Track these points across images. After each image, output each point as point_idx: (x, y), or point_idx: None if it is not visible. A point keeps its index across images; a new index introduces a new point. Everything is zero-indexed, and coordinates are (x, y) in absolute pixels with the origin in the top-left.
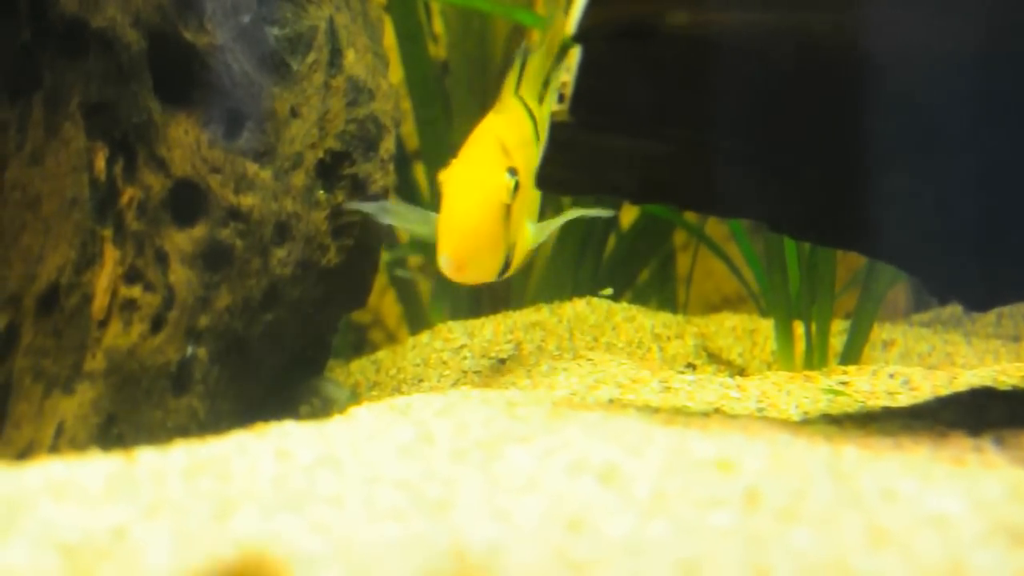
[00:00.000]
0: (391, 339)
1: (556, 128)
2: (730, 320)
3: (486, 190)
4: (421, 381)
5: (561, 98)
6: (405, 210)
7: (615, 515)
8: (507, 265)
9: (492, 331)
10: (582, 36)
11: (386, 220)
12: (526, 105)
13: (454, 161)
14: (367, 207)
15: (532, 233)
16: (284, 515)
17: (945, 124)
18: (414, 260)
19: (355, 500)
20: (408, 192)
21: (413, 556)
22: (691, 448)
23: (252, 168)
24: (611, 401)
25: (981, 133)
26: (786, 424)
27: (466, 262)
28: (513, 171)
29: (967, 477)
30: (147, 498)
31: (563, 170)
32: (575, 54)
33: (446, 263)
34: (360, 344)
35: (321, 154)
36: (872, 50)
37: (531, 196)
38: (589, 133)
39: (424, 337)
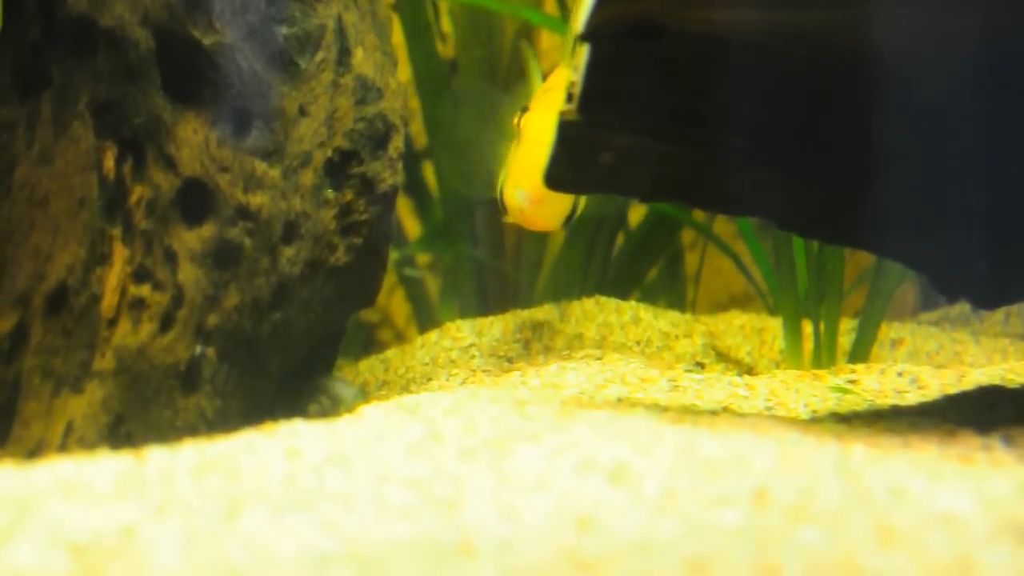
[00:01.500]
0: (400, 338)
1: (564, 127)
2: (738, 319)
3: None
4: (430, 380)
5: (569, 97)
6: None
7: (624, 514)
8: (571, 215)
9: (501, 330)
10: (590, 35)
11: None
12: None
13: (532, 107)
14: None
15: None
16: (294, 514)
17: (953, 121)
18: (423, 258)
19: (365, 499)
20: (417, 191)
21: (423, 555)
22: (700, 447)
23: (261, 167)
24: (620, 400)
25: (989, 130)
26: (795, 423)
27: (542, 200)
28: None
29: (975, 475)
30: (156, 497)
31: (571, 169)
32: (583, 53)
33: (524, 197)
34: (369, 343)
35: (330, 153)
36: (881, 47)
37: None
38: (597, 132)
39: (433, 336)
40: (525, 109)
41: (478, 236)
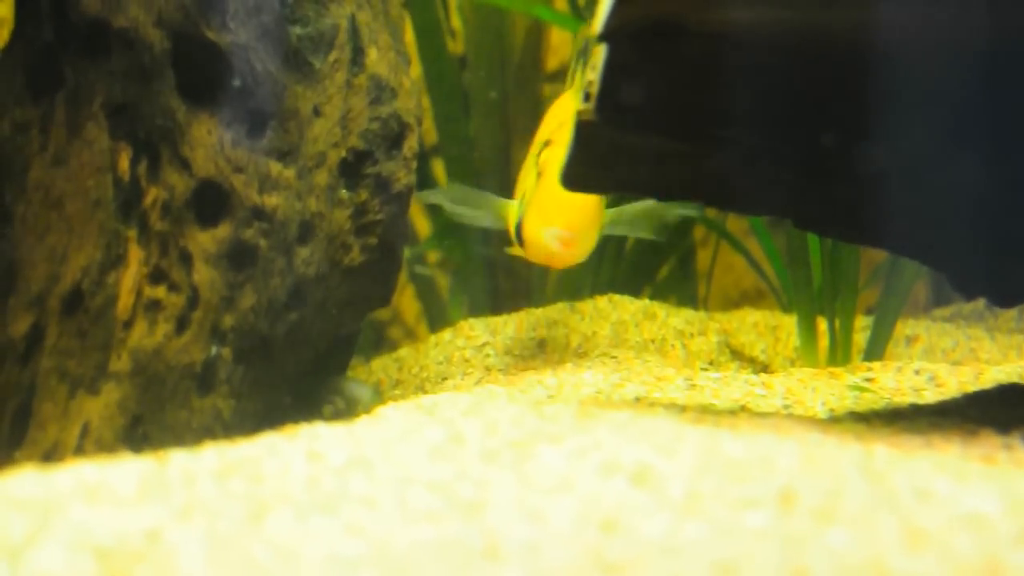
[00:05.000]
0: (410, 336)
1: (582, 127)
2: (752, 316)
3: None
4: (445, 379)
5: (587, 97)
6: (467, 195)
7: (649, 516)
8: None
9: (515, 328)
10: (608, 35)
11: (454, 208)
12: None
13: (554, 141)
14: (435, 198)
15: (609, 218)
16: (318, 517)
17: (967, 119)
18: (433, 257)
19: (388, 502)
20: (427, 187)
21: (448, 558)
22: (723, 447)
23: (275, 167)
24: (638, 399)
25: (1004, 127)
26: (815, 422)
27: (573, 237)
28: None
29: (999, 476)
30: (179, 500)
31: (588, 168)
32: (600, 52)
33: (555, 237)
34: (379, 341)
35: (344, 153)
36: (894, 45)
37: None
38: (615, 131)
39: (446, 335)
40: (547, 143)
41: (488, 233)
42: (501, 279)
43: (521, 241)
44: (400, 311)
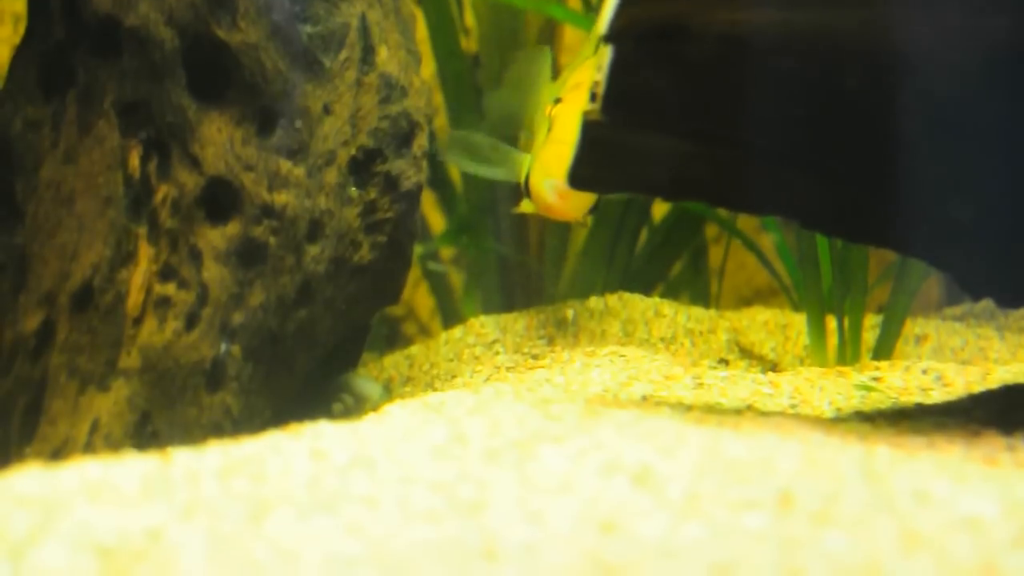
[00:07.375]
0: (424, 331)
1: (588, 127)
2: (762, 314)
3: None
4: (454, 377)
5: (593, 97)
6: (482, 145)
7: (648, 517)
8: (595, 205)
9: (525, 326)
10: (613, 36)
11: (461, 162)
12: None
13: (565, 98)
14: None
15: None
16: (319, 516)
17: (977, 121)
18: (447, 252)
19: (389, 501)
20: (441, 186)
21: (447, 558)
22: (724, 448)
23: (285, 165)
24: (644, 398)
25: (1014, 130)
26: (819, 422)
27: (571, 191)
28: None
29: (1000, 478)
30: (182, 499)
31: (595, 169)
32: (606, 53)
33: (553, 188)
34: (393, 336)
35: (354, 151)
36: (903, 47)
37: None
38: (621, 132)
39: (457, 332)
40: (558, 100)
41: (502, 230)
42: (514, 275)
43: (527, 192)
44: (414, 307)
